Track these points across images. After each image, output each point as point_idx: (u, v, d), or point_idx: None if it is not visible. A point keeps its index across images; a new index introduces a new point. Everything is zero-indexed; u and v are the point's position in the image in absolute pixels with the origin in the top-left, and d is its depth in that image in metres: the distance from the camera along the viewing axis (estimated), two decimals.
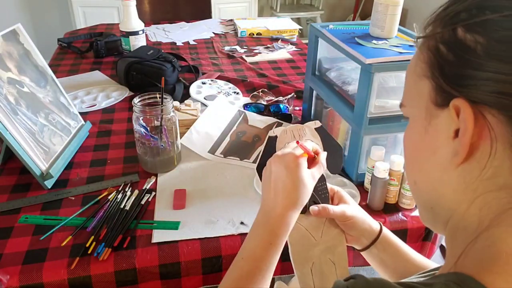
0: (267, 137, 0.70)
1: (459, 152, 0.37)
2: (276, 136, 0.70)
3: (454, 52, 0.37)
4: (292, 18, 2.20)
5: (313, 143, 0.66)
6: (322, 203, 0.67)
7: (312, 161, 0.64)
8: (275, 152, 0.66)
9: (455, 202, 0.40)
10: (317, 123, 0.70)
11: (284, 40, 1.90)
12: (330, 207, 0.66)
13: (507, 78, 0.33)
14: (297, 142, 0.61)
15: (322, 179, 0.67)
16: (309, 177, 0.61)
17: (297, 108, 1.28)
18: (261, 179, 0.67)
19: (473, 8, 0.36)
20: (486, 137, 0.35)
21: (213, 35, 1.98)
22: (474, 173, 0.37)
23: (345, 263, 0.68)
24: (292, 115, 1.21)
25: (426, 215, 0.46)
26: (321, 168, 0.64)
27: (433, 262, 0.66)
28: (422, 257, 0.67)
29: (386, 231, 0.69)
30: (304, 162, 0.60)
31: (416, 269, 0.64)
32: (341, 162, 0.72)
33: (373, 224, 0.68)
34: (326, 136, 0.70)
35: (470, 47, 0.35)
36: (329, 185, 0.70)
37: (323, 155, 0.65)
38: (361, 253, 0.70)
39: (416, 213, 0.85)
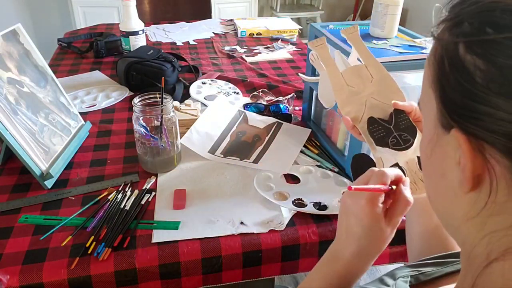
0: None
1: (463, 182, 0.33)
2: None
3: (454, 74, 0.32)
4: (292, 18, 2.20)
5: (397, 171, 0.54)
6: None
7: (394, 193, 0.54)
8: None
9: (465, 227, 0.36)
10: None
11: (284, 40, 1.90)
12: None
13: (506, 116, 0.28)
14: (349, 188, 0.50)
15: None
16: (385, 225, 0.52)
17: (297, 108, 1.28)
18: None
19: (476, 20, 0.30)
20: (488, 172, 0.32)
21: (213, 35, 1.98)
22: (482, 204, 0.33)
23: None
24: (292, 115, 1.21)
25: (447, 231, 0.42)
26: (405, 208, 0.53)
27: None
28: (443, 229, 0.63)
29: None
30: (378, 205, 0.51)
31: (440, 239, 0.62)
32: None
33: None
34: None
35: (469, 72, 0.30)
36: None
37: (406, 189, 0.54)
38: None
39: None
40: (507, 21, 0.29)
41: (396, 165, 0.63)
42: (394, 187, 0.53)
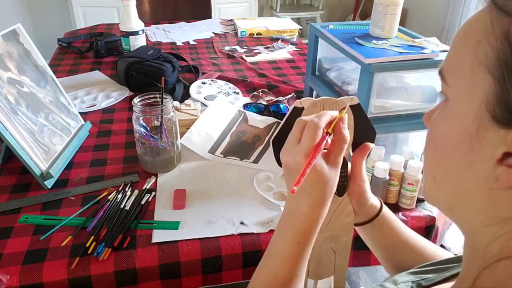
0: (292, 107, 0.61)
1: (500, 180, 0.31)
2: (302, 108, 0.60)
3: None
4: (292, 18, 2.20)
5: (329, 113, 0.54)
6: (338, 192, 0.61)
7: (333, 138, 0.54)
8: None
9: (478, 218, 0.35)
10: (354, 100, 0.61)
11: (284, 40, 1.90)
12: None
13: None
14: (295, 184, 0.49)
15: (344, 165, 0.59)
16: (328, 169, 0.52)
17: None
18: (275, 153, 0.60)
19: None
20: None
21: (213, 35, 1.98)
22: (508, 203, 0.32)
23: (347, 254, 0.65)
24: None
25: (443, 211, 0.41)
26: (342, 146, 0.53)
27: (432, 243, 0.64)
28: (420, 237, 0.64)
29: (386, 210, 0.65)
30: (320, 158, 0.52)
31: (411, 251, 0.62)
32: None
33: (375, 201, 0.64)
34: (361, 116, 0.61)
35: None
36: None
37: (344, 127, 0.54)
38: (356, 227, 0.67)
39: (416, 213, 0.85)
40: None
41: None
42: (330, 132, 0.53)
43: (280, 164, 0.60)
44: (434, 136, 0.39)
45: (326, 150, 0.54)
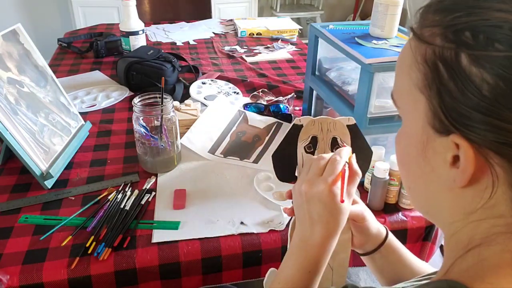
0: (291, 124, 0.64)
1: (457, 181, 0.35)
2: (301, 126, 0.63)
3: (455, 82, 0.32)
4: (292, 18, 2.20)
5: (347, 150, 0.59)
6: None
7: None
8: (296, 142, 0.62)
9: (449, 216, 0.39)
10: (351, 120, 0.64)
11: (284, 40, 1.90)
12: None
13: None
14: (341, 200, 0.53)
15: None
16: (346, 202, 0.56)
17: (297, 108, 1.28)
18: (275, 167, 0.63)
19: (480, 33, 0.31)
20: (486, 174, 0.34)
21: (213, 35, 1.98)
22: (473, 200, 0.36)
23: (344, 271, 0.66)
24: (292, 115, 1.21)
25: (424, 215, 0.46)
26: (356, 179, 0.58)
27: (433, 267, 0.66)
28: (423, 263, 0.67)
29: (391, 237, 0.67)
30: (338, 187, 0.55)
31: (414, 276, 0.63)
32: (367, 167, 0.68)
33: (381, 228, 0.66)
34: (357, 136, 0.65)
35: (475, 84, 0.31)
36: None
37: (354, 161, 0.59)
38: (361, 257, 0.69)
39: (416, 213, 0.85)
40: None
41: None
42: (347, 163, 0.58)
43: (279, 177, 0.64)
44: (398, 152, 0.44)
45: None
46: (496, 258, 0.35)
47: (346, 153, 0.58)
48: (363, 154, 0.65)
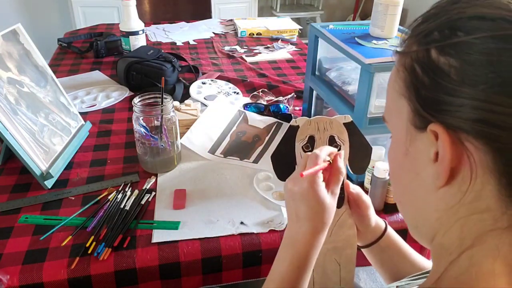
0: (288, 125, 0.66)
1: (440, 176, 0.36)
2: (298, 126, 0.65)
3: (428, 75, 0.35)
4: (292, 18, 2.20)
5: (329, 148, 0.61)
6: (337, 203, 0.64)
7: (330, 168, 0.60)
8: (294, 142, 0.64)
9: (438, 222, 0.39)
10: (347, 118, 0.65)
11: (284, 40, 1.90)
12: (351, 184, 0.66)
13: (480, 104, 0.32)
14: (301, 174, 0.54)
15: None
16: (329, 198, 0.57)
17: (297, 108, 1.28)
18: (274, 167, 0.65)
19: (445, 28, 0.35)
20: (465, 162, 0.34)
21: (213, 35, 1.98)
22: (456, 196, 0.36)
23: (352, 267, 0.67)
24: (292, 115, 1.21)
25: (412, 231, 0.45)
26: (339, 177, 0.60)
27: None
28: (421, 257, 0.67)
29: (391, 230, 0.69)
30: (320, 184, 0.57)
31: (414, 269, 0.64)
32: (367, 164, 0.69)
33: (379, 221, 0.68)
34: (355, 133, 0.66)
35: (443, 71, 0.34)
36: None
37: (340, 161, 0.61)
38: (362, 249, 0.70)
39: None
40: (475, 25, 0.33)
41: None
42: (331, 160, 0.60)
43: (279, 177, 0.66)
44: (390, 167, 0.46)
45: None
46: (485, 262, 0.34)
47: (327, 150, 0.60)
48: (362, 151, 0.66)
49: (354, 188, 0.66)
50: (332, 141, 0.65)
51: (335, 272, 0.66)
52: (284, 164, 0.66)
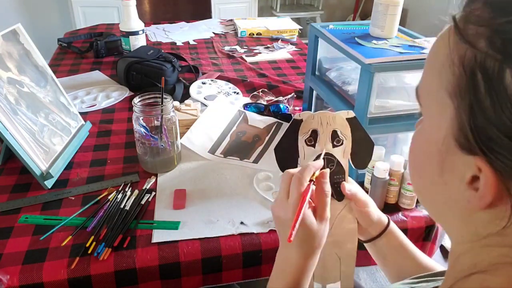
0: (292, 119, 0.65)
1: (471, 204, 0.32)
2: (301, 120, 0.65)
3: (492, 100, 0.28)
4: (292, 18, 2.20)
5: (314, 165, 0.59)
6: (337, 196, 0.65)
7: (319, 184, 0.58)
8: (297, 136, 0.64)
9: (458, 235, 0.37)
10: (350, 113, 0.65)
11: (284, 40, 1.90)
12: (347, 185, 0.65)
13: None
14: (289, 240, 0.52)
15: (341, 172, 0.65)
16: (317, 224, 0.56)
17: (297, 108, 1.28)
18: (277, 159, 0.65)
19: None
20: (504, 203, 0.31)
21: (213, 35, 1.98)
22: (483, 225, 0.34)
23: (352, 261, 0.67)
24: (292, 115, 1.21)
25: (436, 219, 0.43)
26: (325, 200, 0.57)
27: (435, 261, 0.66)
28: (424, 255, 0.67)
29: (393, 225, 0.68)
30: (305, 212, 0.54)
31: (416, 267, 0.64)
32: (369, 159, 0.68)
33: (382, 216, 0.68)
34: (357, 128, 0.66)
35: None
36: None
37: (325, 181, 0.59)
38: (365, 244, 0.70)
39: (416, 213, 0.85)
40: None
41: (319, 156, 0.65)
42: (313, 185, 0.57)
43: (282, 170, 0.65)
44: (412, 151, 0.40)
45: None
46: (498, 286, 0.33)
47: (310, 170, 0.57)
48: (364, 146, 0.67)
49: (350, 190, 0.65)
50: (335, 136, 0.65)
51: (335, 266, 0.66)
52: (287, 157, 0.67)
